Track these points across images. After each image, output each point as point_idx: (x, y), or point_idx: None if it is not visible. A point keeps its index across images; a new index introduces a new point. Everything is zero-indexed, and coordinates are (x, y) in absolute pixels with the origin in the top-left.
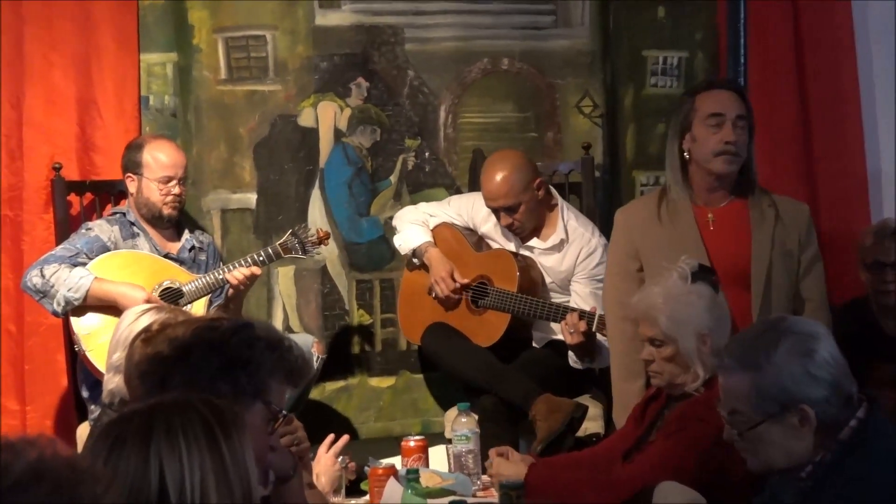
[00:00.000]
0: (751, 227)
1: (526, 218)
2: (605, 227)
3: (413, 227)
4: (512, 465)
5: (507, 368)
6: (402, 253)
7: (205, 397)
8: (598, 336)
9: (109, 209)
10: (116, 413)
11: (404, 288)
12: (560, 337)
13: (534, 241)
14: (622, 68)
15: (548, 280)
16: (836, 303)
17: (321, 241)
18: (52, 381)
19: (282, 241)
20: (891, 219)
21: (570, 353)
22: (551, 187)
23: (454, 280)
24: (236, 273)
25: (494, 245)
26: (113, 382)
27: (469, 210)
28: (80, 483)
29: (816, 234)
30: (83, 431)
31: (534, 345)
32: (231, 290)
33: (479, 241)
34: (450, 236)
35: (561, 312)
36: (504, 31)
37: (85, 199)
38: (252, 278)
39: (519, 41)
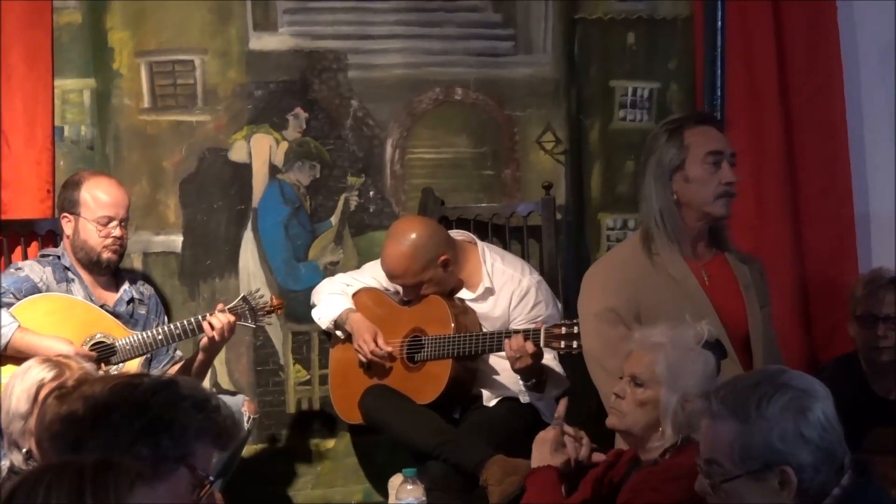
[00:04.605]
0: (739, 284)
1: (432, 291)
2: (569, 275)
3: (331, 297)
4: None
5: (456, 431)
6: (323, 327)
7: (98, 459)
8: (547, 361)
9: (19, 252)
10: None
11: (334, 367)
12: (513, 393)
13: (462, 293)
14: (588, 100)
15: (485, 329)
16: (824, 360)
17: (274, 310)
18: None
19: (231, 305)
20: (885, 268)
21: (520, 384)
22: (464, 233)
23: (378, 344)
24: (213, 320)
25: None
26: (5, 450)
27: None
28: None
29: (803, 283)
30: None
31: (485, 403)
32: (205, 341)
33: None
34: (371, 301)
35: (505, 338)
36: (458, 58)
37: None
38: (232, 327)
39: (475, 69)
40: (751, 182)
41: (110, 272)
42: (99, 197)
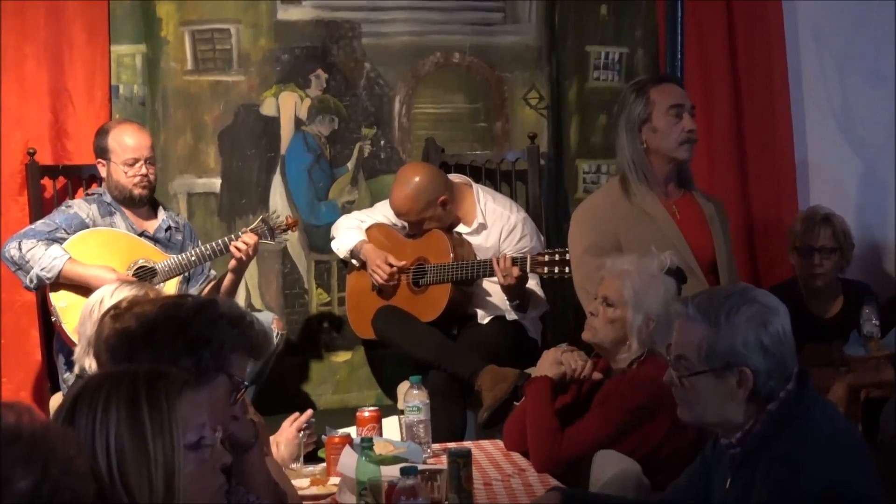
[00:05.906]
0: (706, 219)
1: (434, 226)
2: (550, 212)
3: (348, 230)
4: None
5: (454, 345)
6: (341, 256)
7: (150, 368)
8: (530, 286)
9: (81, 192)
10: None
11: (350, 291)
12: (502, 312)
13: (460, 228)
14: (567, 63)
15: (479, 258)
16: (766, 286)
17: (289, 227)
18: (26, 355)
19: (252, 226)
20: (820, 206)
21: (507, 304)
22: (462, 177)
23: (389, 265)
24: (239, 244)
25: None
26: (79, 355)
27: (393, 213)
28: (53, 445)
29: (749, 223)
30: (55, 402)
31: (479, 321)
32: (234, 262)
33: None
34: (381, 234)
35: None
36: (456, 27)
37: (58, 182)
38: (255, 247)
39: (470, 36)
40: (703, 137)
41: (144, 204)
42: (124, 142)
